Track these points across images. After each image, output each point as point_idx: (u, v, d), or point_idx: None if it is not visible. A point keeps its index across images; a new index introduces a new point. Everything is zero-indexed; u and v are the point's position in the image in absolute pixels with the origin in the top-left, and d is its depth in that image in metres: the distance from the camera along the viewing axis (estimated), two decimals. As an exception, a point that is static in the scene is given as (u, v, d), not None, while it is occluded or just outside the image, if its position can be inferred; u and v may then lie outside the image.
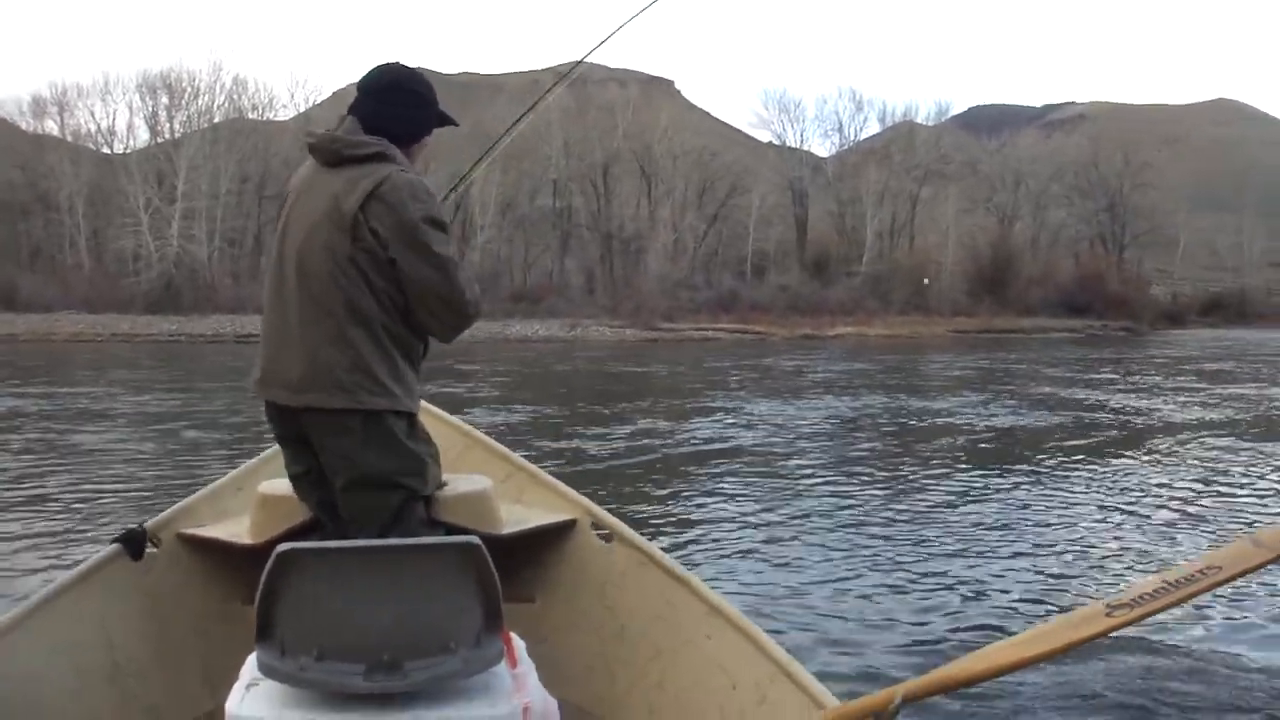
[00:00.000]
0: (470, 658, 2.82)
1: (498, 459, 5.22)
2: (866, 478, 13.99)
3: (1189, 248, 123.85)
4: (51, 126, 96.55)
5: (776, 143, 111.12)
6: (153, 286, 78.39)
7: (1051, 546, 10.07)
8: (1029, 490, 13.12)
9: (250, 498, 4.39)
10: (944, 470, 14.65)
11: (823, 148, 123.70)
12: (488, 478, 4.54)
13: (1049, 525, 11.06)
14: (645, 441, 17.09)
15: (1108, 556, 9.71)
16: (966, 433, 19.31)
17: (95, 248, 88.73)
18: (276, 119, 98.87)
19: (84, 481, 13.09)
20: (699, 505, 12.04)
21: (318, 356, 3.67)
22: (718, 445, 16.92)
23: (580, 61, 5.22)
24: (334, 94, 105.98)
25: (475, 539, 2.85)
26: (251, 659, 2.87)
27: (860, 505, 11.98)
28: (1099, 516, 11.59)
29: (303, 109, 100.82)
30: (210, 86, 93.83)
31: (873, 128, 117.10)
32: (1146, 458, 16.37)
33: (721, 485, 13.41)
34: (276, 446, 4.67)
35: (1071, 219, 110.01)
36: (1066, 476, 14.23)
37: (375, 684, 2.73)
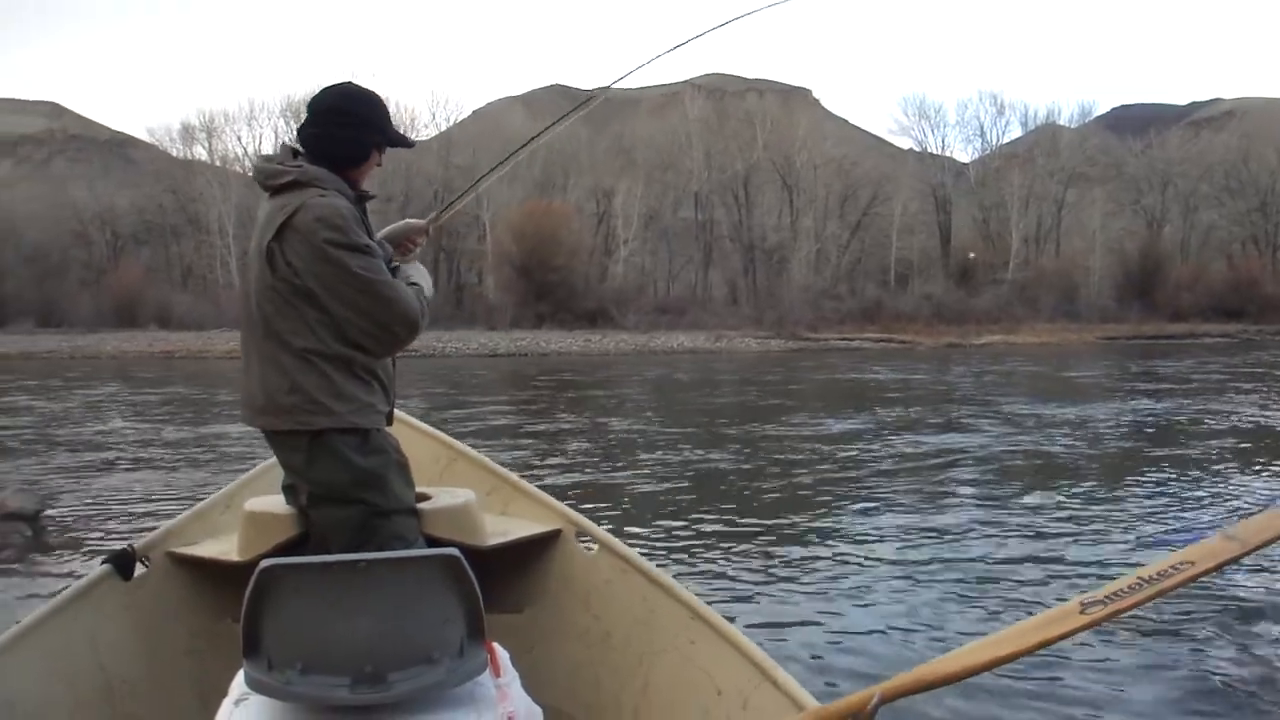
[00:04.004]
0: (454, 668, 2.86)
1: (482, 471, 5.29)
2: (981, 493, 13.65)
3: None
4: (200, 152, 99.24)
5: (917, 149, 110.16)
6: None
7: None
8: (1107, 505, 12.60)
9: (238, 515, 4.40)
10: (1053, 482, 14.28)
11: (964, 153, 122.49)
12: (472, 491, 4.59)
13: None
14: (778, 456, 17.01)
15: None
16: (1102, 439, 18.97)
17: (245, 268, 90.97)
18: (419, 139, 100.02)
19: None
20: (800, 518, 11.98)
21: (265, 382, 3.77)
22: (852, 458, 16.78)
23: (608, 88, 5.12)
24: (474, 112, 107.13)
25: (454, 550, 2.88)
26: (240, 675, 2.90)
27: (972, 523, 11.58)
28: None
29: (444, 128, 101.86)
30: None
31: (1015, 131, 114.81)
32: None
33: (826, 497, 13.30)
34: (262, 464, 5.05)
35: (1222, 220, 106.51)
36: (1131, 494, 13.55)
37: (360, 696, 2.77)
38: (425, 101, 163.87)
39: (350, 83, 4.02)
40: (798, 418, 23.71)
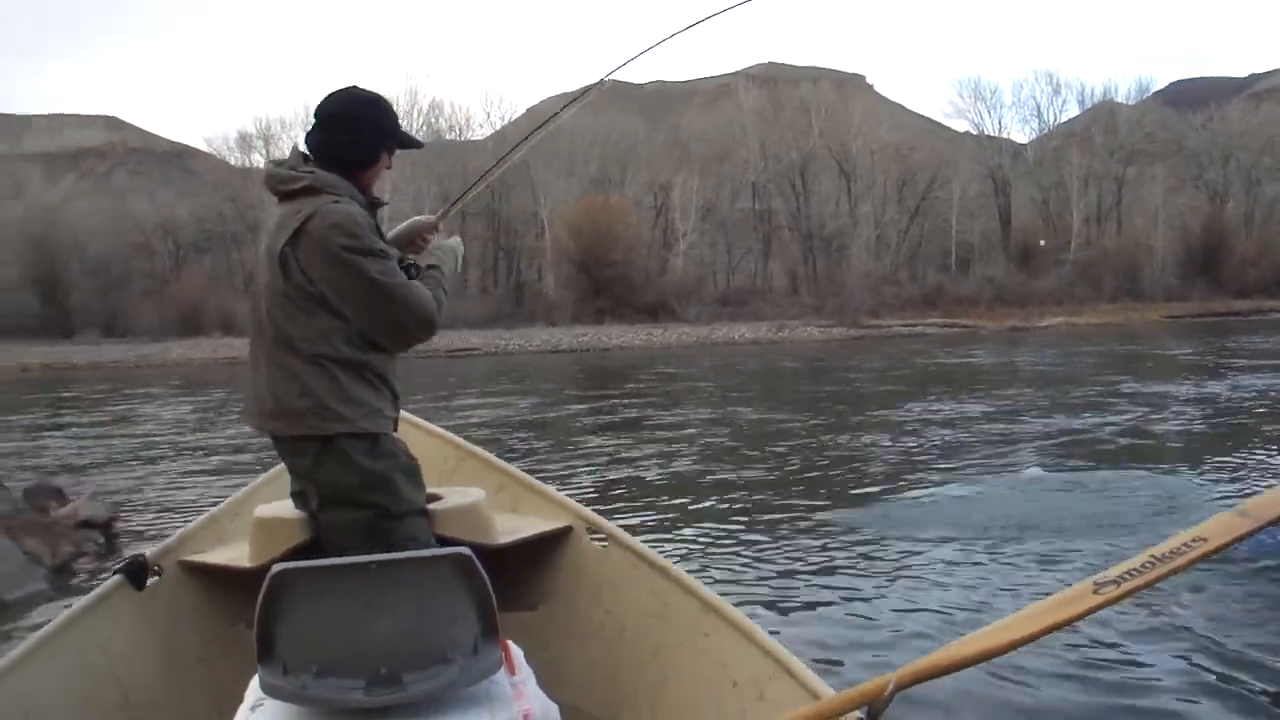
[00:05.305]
0: (468, 667, 2.89)
1: (491, 470, 5.34)
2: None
3: None
4: (258, 159, 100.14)
5: (974, 131, 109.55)
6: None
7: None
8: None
9: (248, 522, 4.41)
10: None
11: (1022, 134, 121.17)
12: (481, 489, 4.62)
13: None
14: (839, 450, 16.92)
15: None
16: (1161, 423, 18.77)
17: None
18: (473, 138, 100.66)
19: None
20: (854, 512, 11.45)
21: (274, 387, 3.76)
22: (909, 450, 16.51)
23: (602, 81, 5.08)
24: (528, 110, 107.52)
25: (465, 549, 2.93)
26: (255, 680, 2.93)
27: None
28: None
29: (498, 127, 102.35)
30: (408, 111, 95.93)
31: (1072, 110, 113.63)
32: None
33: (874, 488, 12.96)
34: (271, 471, 5.10)
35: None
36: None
37: (375, 698, 2.81)
38: (479, 101, 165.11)
39: (356, 86, 4.04)
40: (862, 407, 23.68)
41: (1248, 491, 11.47)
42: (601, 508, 11.37)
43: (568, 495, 5.18)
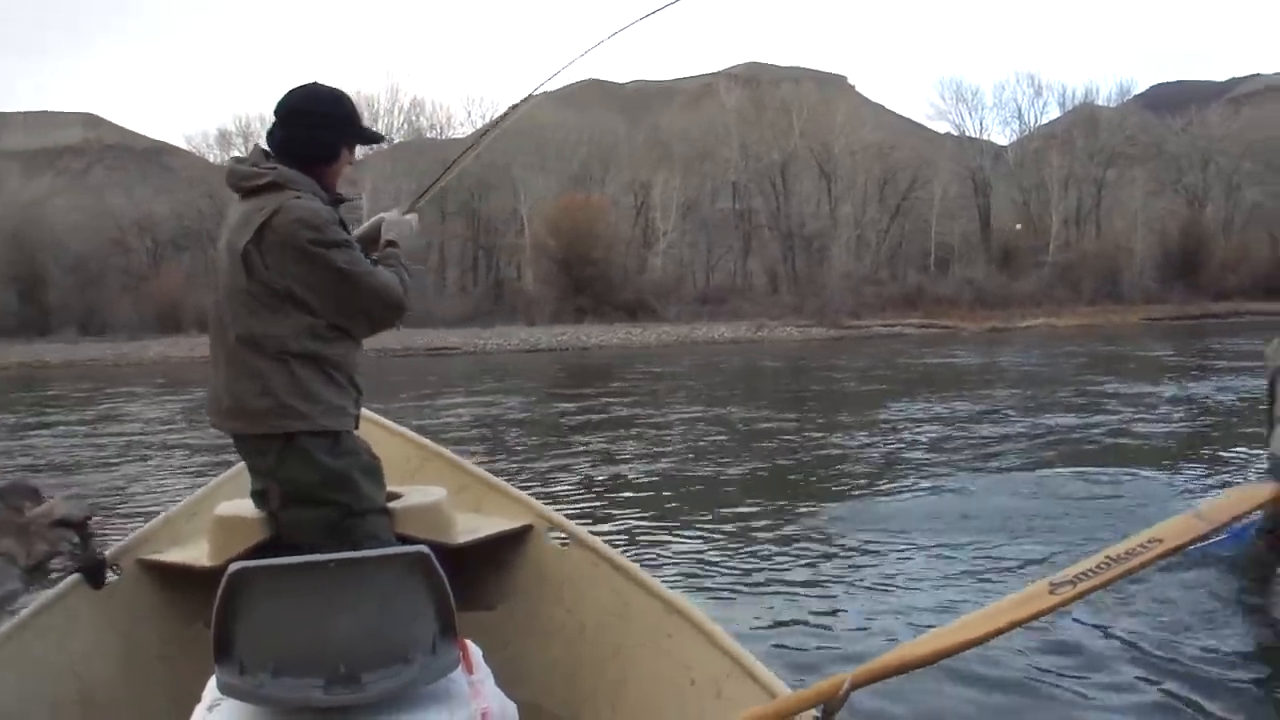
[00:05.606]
0: (427, 666, 2.89)
1: (454, 470, 5.36)
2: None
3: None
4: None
5: (955, 133, 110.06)
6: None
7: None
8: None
9: (207, 521, 4.41)
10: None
11: (1002, 135, 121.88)
12: (443, 489, 4.67)
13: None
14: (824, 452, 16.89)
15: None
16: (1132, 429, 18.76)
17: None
18: (455, 137, 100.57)
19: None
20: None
21: (234, 387, 3.80)
22: (885, 451, 16.32)
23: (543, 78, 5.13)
24: (509, 109, 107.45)
25: (423, 548, 2.93)
26: (213, 680, 2.91)
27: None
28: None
29: (479, 125, 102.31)
30: (389, 110, 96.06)
31: (1053, 112, 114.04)
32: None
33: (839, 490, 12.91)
34: (231, 470, 5.11)
35: (1265, 198, 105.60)
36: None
37: (334, 697, 2.79)
38: (461, 100, 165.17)
39: (316, 83, 4.06)
40: (843, 407, 23.75)
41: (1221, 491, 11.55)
42: (579, 506, 11.58)
43: (537, 494, 5.20)
